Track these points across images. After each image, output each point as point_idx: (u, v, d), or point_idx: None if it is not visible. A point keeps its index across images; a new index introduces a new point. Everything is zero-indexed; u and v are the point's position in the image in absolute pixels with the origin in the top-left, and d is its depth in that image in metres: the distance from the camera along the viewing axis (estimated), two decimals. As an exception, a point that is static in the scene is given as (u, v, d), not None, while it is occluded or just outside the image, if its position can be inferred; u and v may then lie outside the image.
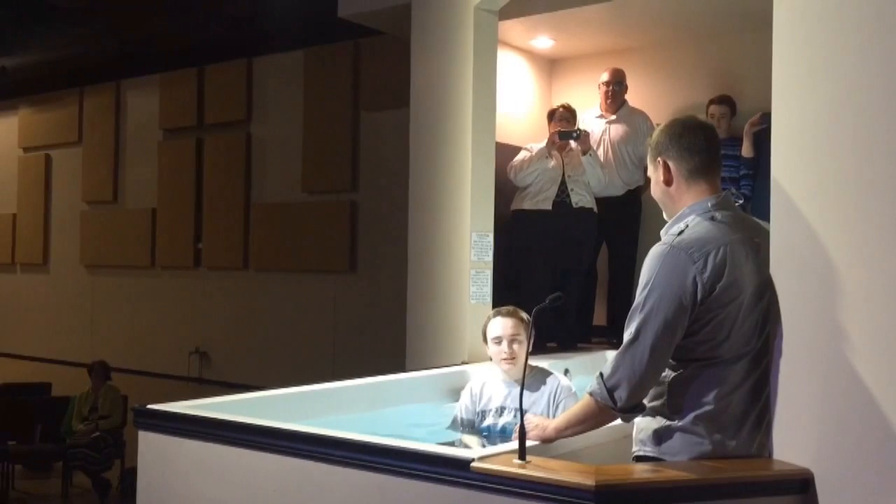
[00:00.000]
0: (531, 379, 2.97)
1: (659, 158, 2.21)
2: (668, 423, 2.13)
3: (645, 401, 2.16)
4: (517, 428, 2.10)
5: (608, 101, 5.11)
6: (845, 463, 2.06)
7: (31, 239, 8.85)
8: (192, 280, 7.47)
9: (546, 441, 2.28)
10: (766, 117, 3.87)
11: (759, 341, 2.15)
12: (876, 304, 2.05)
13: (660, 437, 2.14)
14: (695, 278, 2.04)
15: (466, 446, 2.94)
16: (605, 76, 5.12)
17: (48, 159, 8.78)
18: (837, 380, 2.09)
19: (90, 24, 6.72)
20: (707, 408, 2.10)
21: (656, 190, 2.26)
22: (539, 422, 2.34)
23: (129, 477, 6.15)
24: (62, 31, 6.90)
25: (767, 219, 2.30)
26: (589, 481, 1.88)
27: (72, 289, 8.44)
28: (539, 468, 2.01)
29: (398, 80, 5.03)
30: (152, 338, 7.62)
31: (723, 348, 2.10)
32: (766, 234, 2.23)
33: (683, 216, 2.17)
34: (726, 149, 4.81)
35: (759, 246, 2.19)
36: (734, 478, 2.06)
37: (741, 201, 2.26)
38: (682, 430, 2.11)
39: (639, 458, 2.20)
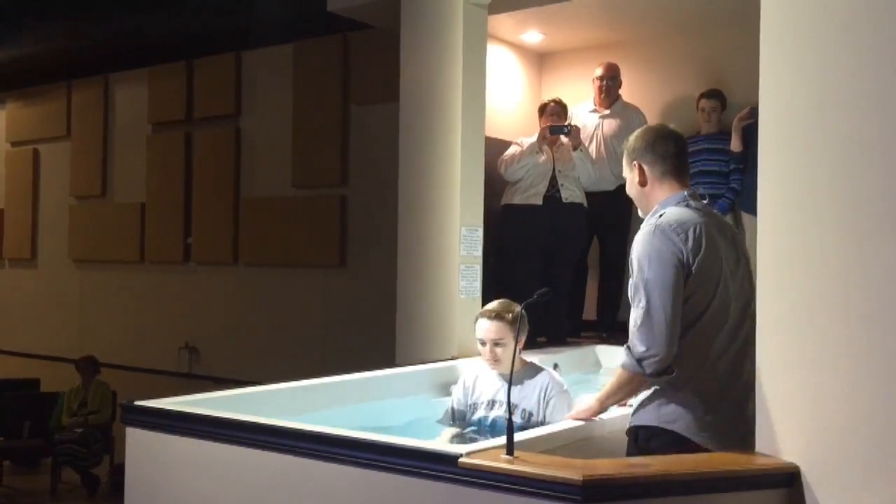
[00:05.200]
0: (523, 374, 2.97)
1: (634, 161, 2.47)
2: (662, 392, 2.31)
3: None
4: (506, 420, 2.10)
5: (602, 96, 5.11)
6: (831, 457, 2.07)
7: (19, 234, 8.79)
8: (182, 275, 7.44)
9: (598, 414, 2.53)
10: (755, 111, 3.87)
11: (735, 312, 2.33)
12: (864, 298, 2.05)
13: (656, 406, 2.31)
14: (680, 248, 2.27)
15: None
16: (598, 71, 5.12)
17: (36, 153, 8.72)
18: (824, 375, 2.09)
19: (78, 17, 6.66)
20: (696, 374, 2.28)
21: (632, 189, 2.52)
22: (581, 407, 2.57)
23: (119, 473, 6.13)
24: (49, 24, 6.84)
25: (756, 212, 2.31)
26: (576, 476, 1.89)
27: (60, 284, 8.39)
28: (527, 463, 2.01)
29: (388, 74, 5.01)
30: (141, 333, 7.59)
31: (705, 318, 2.29)
32: (733, 227, 2.58)
33: (661, 207, 2.40)
34: (716, 143, 4.84)
35: (725, 231, 2.42)
36: (721, 472, 2.07)
37: (706, 200, 2.45)
38: (675, 398, 2.28)
39: (636, 429, 2.35)
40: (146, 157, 7.70)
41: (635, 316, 2.28)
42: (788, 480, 2.11)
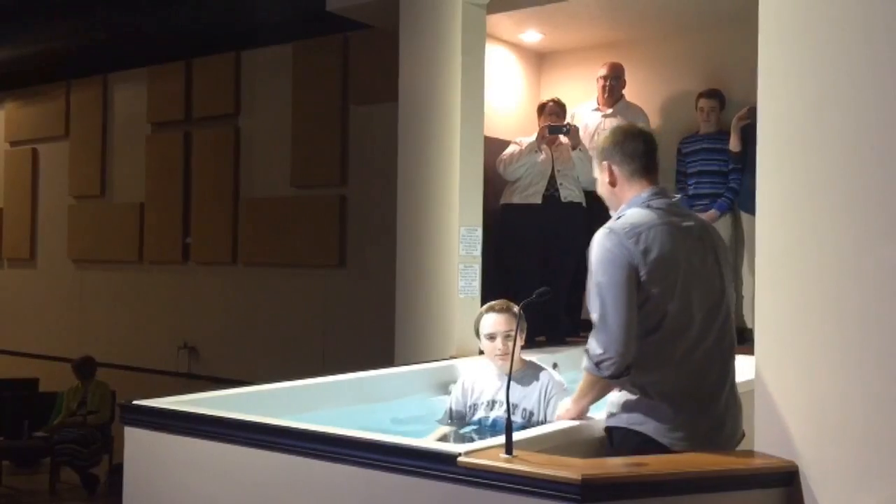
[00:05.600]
0: (524, 373, 2.97)
1: (604, 162, 2.49)
2: (631, 395, 2.34)
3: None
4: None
5: (605, 95, 5.11)
6: (830, 456, 2.07)
7: (18, 233, 8.78)
8: (181, 275, 7.44)
9: (578, 416, 2.54)
10: (753, 111, 3.89)
11: (702, 312, 2.32)
12: (859, 296, 2.06)
13: (626, 409, 2.34)
14: (631, 251, 2.28)
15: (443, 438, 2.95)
16: (602, 70, 5.13)
17: (35, 153, 8.72)
18: (822, 374, 2.10)
19: (77, 17, 6.66)
20: (661, 377, 2.30)
21: (602, 190, 2.55)
22: (561, 412, 2.60)
23: (118, 473, 6.11)
24: (48, 23, 6.84)
25: (755, 212, 2.32)
26: (575, 475, 1.89)
27: (59, 284, 8.38)
28: (525, 462, 2.01)
29: (387, 74, 5.01)
30: (140, 333, 7.59)
31: (666, 321, 2.29)
32: (703, 222, 2.52)
33: (626, 207, 2.43)
34: (715, 143, 4.84)
35: (690, 228, 2.40)
36: (719, 471, 2.08)
37: (678, 197, 2.47)
38: (641, 401, 2.32)
39: (609, 430, 2.39)
40: (145, 157, 7.70)
41: (593, 319, 2.32)
42: (787, 479, 2.11)
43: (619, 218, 2.39)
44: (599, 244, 2.33)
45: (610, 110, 5.10)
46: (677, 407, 2.28)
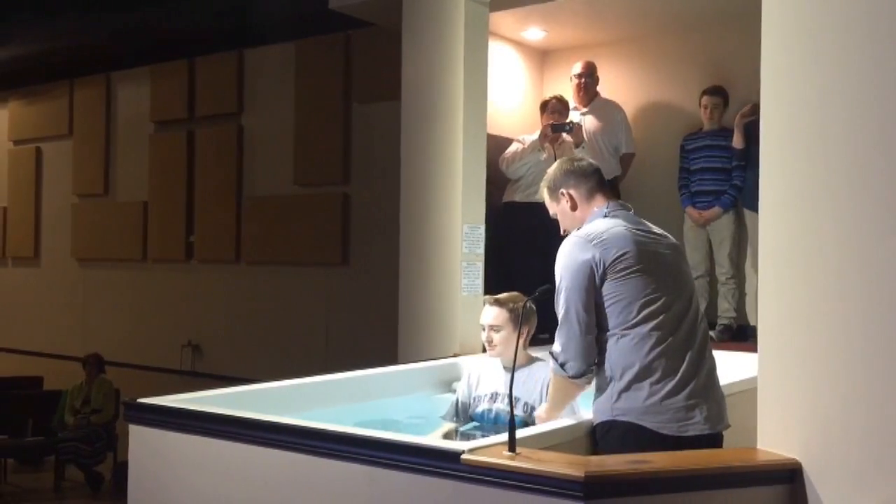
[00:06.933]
0: (526, 368, 2.99)
1: (562, 191, 2.63)
2: (612, 389, 2.45)
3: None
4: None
5: (581, 94, 5.14)
6: (832, 453, 2.07)
7: (22, 232, 8.80)
8: (184, 273, 7.45)
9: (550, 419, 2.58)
10: (756, 108, 3.89)
11: (671, 309, 2.44)
12: (863, 293, 2.05)
13: (609, 403, 2.43)
14: (594, 255, 2.44)
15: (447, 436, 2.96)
16: (577, 68, 5.14)
17: (38, 152, 8.73)
18: (824, 371, 2.10)
19: (80, 16, 6.67)
20: (636, 368, 2.40)
21: (565, 220, 2.66)
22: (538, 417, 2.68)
23: (122, 470, 6.13)
24: (52, 22, 6.85)
25: (758, 209, 2.31)
26: (578, 473, 1.89)
27: (63, 282, 8.40)
28: (529, 460, 2.01)
29: (390, 72, 5.01)
30: (144, 331, 7.60)
31: (641, 314, 2.41)
32: (663, 232, 2.63)
33: (588, 222, 2.57)
34: (718, 140, 4.84)
35: (652, 233, 2.57)
36: (722, 468, 2.08)
37: (631, 210, 2.64)
38: (621, 392, 2.41)
39: (596, 426, 2.49)
40: (148, 156, 7.71)
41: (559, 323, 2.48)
42: (790, 476, 2.11)
43: (579, 228, 2.56)
44: (566, 249, 2.49)
45: (586, 108, 5.12)
46: (655, 395, 2.38)
